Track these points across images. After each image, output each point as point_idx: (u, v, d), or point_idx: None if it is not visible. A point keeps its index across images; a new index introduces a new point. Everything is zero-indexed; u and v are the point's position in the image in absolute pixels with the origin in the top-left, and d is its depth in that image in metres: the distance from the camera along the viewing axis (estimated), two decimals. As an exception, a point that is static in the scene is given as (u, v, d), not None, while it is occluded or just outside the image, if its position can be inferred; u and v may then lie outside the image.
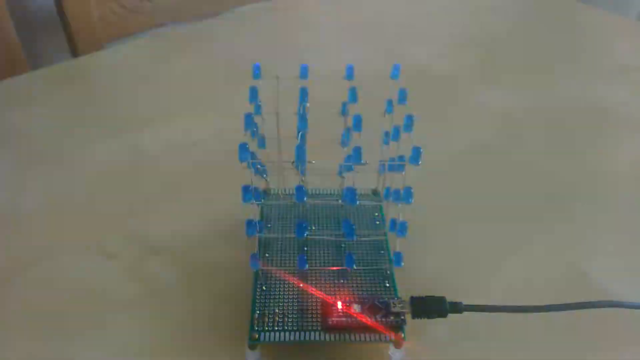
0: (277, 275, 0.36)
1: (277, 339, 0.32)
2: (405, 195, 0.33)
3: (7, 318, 0.36)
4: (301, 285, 0.35)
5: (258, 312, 0.33)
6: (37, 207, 0.45)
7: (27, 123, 0.54)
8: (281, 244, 0.38)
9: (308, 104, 0.36)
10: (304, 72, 0.37)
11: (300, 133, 0.34)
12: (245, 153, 0.32)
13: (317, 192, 0.42)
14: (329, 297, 0.34)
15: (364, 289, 0.35)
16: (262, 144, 0.37)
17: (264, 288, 0.35)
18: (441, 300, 0.34)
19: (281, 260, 0.37)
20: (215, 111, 0.55)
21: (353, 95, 0.36)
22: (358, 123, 0.33)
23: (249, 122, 0.34)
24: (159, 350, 0.35)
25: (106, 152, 0.51)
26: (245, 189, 0.32)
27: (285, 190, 0.41)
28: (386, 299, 0.33)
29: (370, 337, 0.32)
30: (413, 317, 0.33)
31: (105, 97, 0.58)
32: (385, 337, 0.32)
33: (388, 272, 0.36)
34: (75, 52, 0.76)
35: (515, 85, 0.62)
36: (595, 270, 0.40)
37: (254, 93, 0.36)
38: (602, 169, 0.50)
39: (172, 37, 0.70)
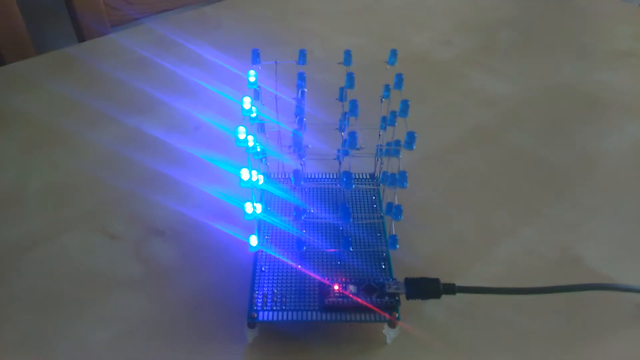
0: (276, 256, 0.36)
1: (275, 318, 0.33)
2: (400, 180, 0.33)
3: (12, 296, 0.38)
4: (299, 266, 0.36)
5: (257, 292, 0.34)
6: (42, 189, 0.46)
7: (33, 106, 0.55)
8: (280, 226, 0.38)
9: (306, 89, 0.36)
10: (302, 58, 0.38)
11: (298, 118, 0.35)
12: (243, 137, 0.32)
13: (315, 176, 0.42)
14: (326, 278, 0.35)
15: (360, 271, 0.36)
16: (261, 128, 0.38)
17: (263, 269, 0.36)
18: (435, 281, 0.34)
19: (280, 242, 0.37)
20: (217, 95, 0.56)
21: (350, 81, 0.36)
22: (354, 108, 0.34)
23: (250, 106, 0.35)
24: (160, 329, 0.36)
25: (110, 134, 0.51)
26: (245, 173, 0.33)
27: (283, 174, 0.42)
28: (381, 280, 0.34)
29: (365, 317, 0.33)
30: (408, 298, 0.34)
31: (110, 81, 0.59)
32: (380, 317, 0.33)
33: (384, 254, 0.37)
34: (81, 37, 0.76)
35: (514, 70, 0.62)
36: (588, 254, 0.41)
37: (253, 78, 0.37)
38: (598, 154, 0.51)
39: (177, 22, 0.70)
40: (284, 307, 0.34)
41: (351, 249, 0.36)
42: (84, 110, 0.55)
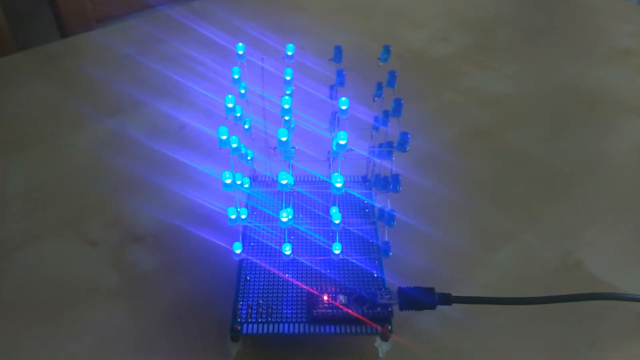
0: (262, 265, 0.35)
1: (260, 331, 0.31)
2: (393, 183, 0.32)
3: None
4: (286, 275, 0.34)
5: (241, 302, 0.33)
6: (19, 192, 0.44)
7: (13, 105, 0.53)
8: (266, 232, 0.37)
9: (293, 87, 0.35)
10: (290, 53, 0.36)
11: (286, 117, 0.33)
12: (225, 138, 0.30)
13: (304, 179, 0.40)
14: (315, 288, 0.33)
15: (351, 280, 0.34)
16: (246, 128, 0.36)
17: (247, 278, 0.34)
18: (430, 291, 0.33)
19: (266, 249, 0.36)
20: (203, 94, 0.54)
21: (340, 78, 0.34)
22: (345, 107, 0.32)
23: (233, 105, 0.33)
24: (139, 340, 0.34)
25: (90, 136, 0.50)
26: (228, 176, 0.31)
27: (271, 177, 0.40)
28: (373, 290, 0.32)
29: (356, 329, 0.31)
30: (401, 309, 0.32)
31: (93, 79, 0.57)
32: (372, 329, 0.31)
33: (376, 262, 0.35)
34: (64, 33, 0.74)
35: (513, 68, 0.61)
36: (590, 261, 0.39)
37: (237, 75, 0.35)
38: (599, 156, 0.49)
39: (162, 18, 0.69)
40: (269, 319, 0.32)
41: (341, 257, 0.34)
42: (63, 110, 0.53)
